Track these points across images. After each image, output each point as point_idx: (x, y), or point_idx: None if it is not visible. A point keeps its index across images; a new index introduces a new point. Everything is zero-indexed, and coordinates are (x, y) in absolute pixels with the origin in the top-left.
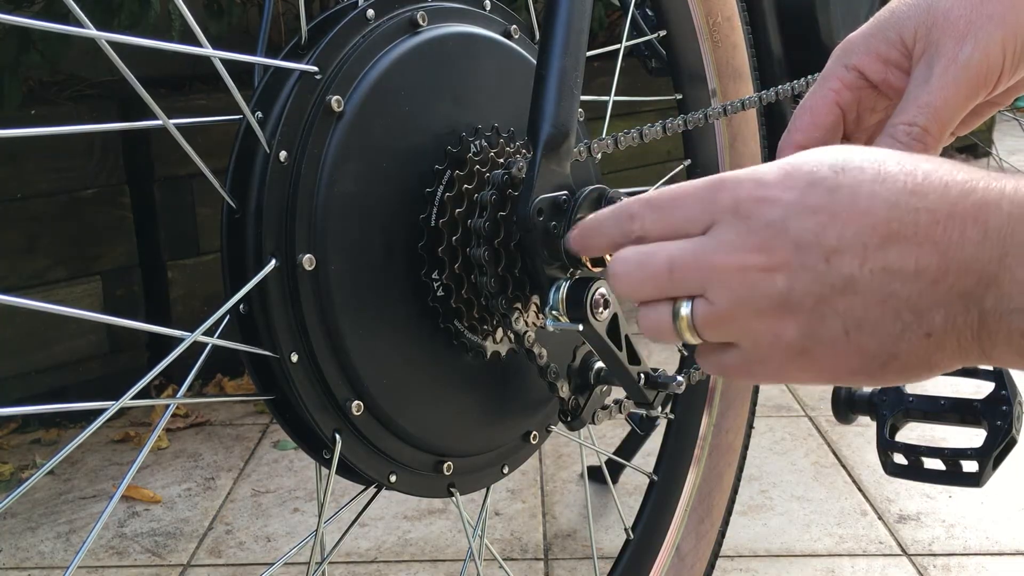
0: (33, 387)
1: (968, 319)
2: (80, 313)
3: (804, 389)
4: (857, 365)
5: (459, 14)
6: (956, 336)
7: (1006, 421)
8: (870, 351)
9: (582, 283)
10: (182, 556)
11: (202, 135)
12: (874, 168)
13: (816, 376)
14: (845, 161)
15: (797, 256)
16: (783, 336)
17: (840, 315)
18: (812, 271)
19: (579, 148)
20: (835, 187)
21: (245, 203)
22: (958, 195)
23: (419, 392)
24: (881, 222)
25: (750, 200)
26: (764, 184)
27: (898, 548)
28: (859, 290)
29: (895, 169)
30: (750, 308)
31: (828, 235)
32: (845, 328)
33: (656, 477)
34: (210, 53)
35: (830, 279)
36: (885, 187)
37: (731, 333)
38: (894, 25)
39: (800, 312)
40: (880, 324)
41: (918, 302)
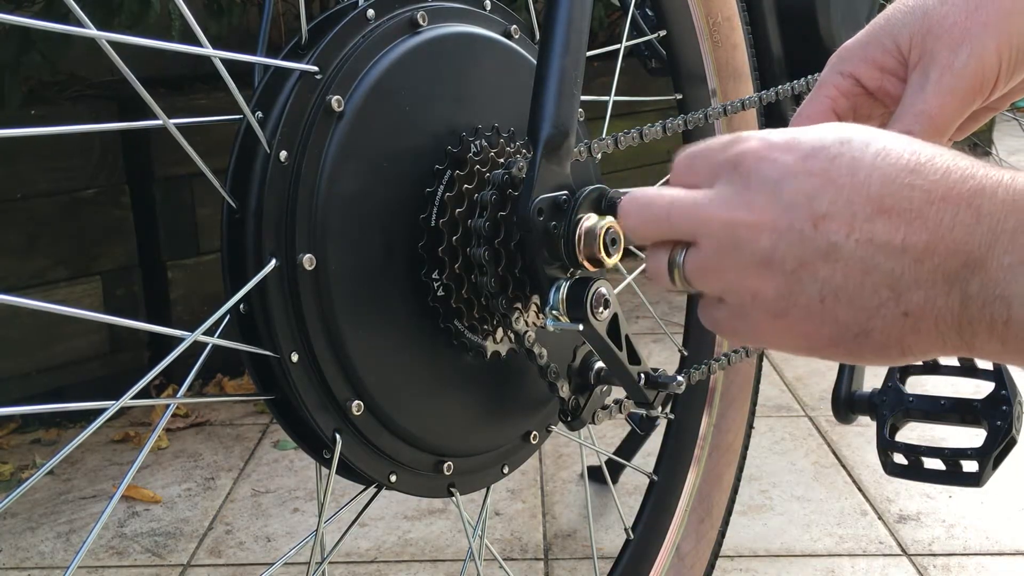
0: (33, 387)
1: (949, 303)
2: (80, 313)
3: (804, 389)
4: (830, 335)
5: (459, 14)
6: (935, 319)
7: (1006, 421)
8: (843, 322)
9: (582, 283)
10: (182, 556)
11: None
12: (879, 144)
13: (793, 341)
14: (852, 135)
15: (785, 217)
16: (761, 294)
17: (819, 281)
18: (798, 233)
19: (579, 148)
20: (836, 155)
21: (245, 203)
22: (957, 179)
23: (419, 392)
24: (875, 195)
25: (753, 158)
26: (769, 145)
27: (898, 548)
28: (841, 258)
29: (899, 148)
30: (733, 262)
31: (820, 200)
32: (822, 295)
33: (656, 477)
34: (210, 53)
35: (814, 243)
36: (886, 162)
37: (717, 285)
38: (889, 32)
39: (780, 273)
40: (857, 296)
41: (899, 279)
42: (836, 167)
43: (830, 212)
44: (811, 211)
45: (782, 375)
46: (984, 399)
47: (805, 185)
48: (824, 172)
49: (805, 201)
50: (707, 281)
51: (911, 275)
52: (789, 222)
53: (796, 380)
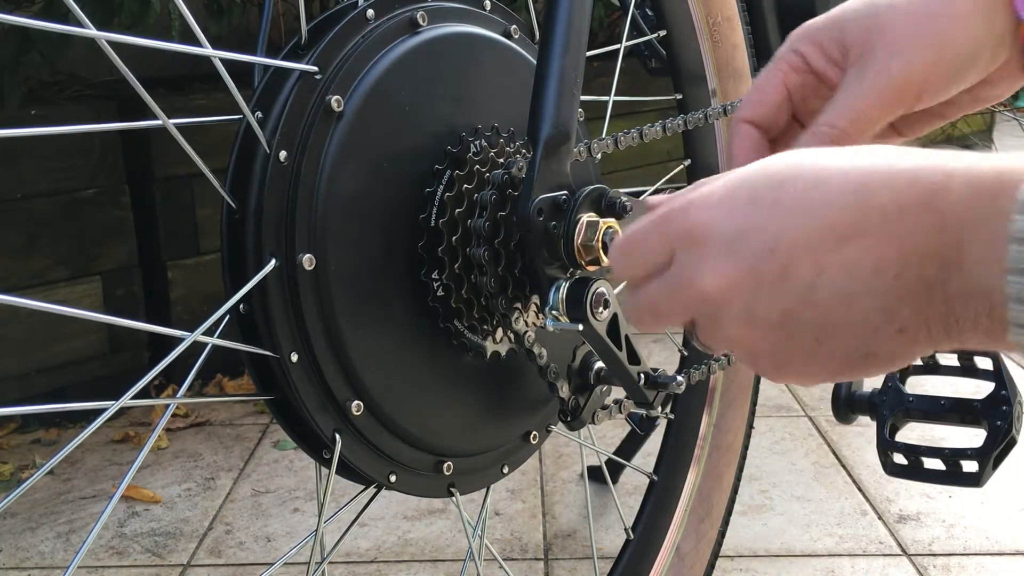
0: (33, 387)
1: (935, 309)
2: (80, 313)
3: (804, 389)
4: (836, 367)
5: (459, 14)
6: (927, 326)
7: (1006, 421)
8: (845, 354)
9: (582, 283)
10: (182, 556)
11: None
12: (812, 174)
13: (808, 379)
14: (783, 172)
15: (752, 274)
16: (759, 351)
17: (808, 325)
18: (769, 287)
19: (579, 148)
20: (775, 201)
21: (245, 203)
22: (905, 185)
23: (419, 392)
24: (827, 225)
25: (698, 226)
26: (709, 207)
27: (898, 548)
28: (820, 297)
29: (835, 170)
30: (722, 330)
31: (778, 247)
32: (816, 337)
33: (656, 477)
34: (210, 53)
35: (790, 291)
36: (827, 190)
37: (721, 347)
38: (839, 23)
39: (768, 328)
40: (849, 327)
41: (884, 299)
42: (779, 213)
43: (792, 257)
44: (774, 261)
45: None
46: (984, 399)
47: (759, 238)
48: (772, 218)
49: (766, 253)
50: (713, 346)
51: (894, 292)
52: (758, 278)
53: None
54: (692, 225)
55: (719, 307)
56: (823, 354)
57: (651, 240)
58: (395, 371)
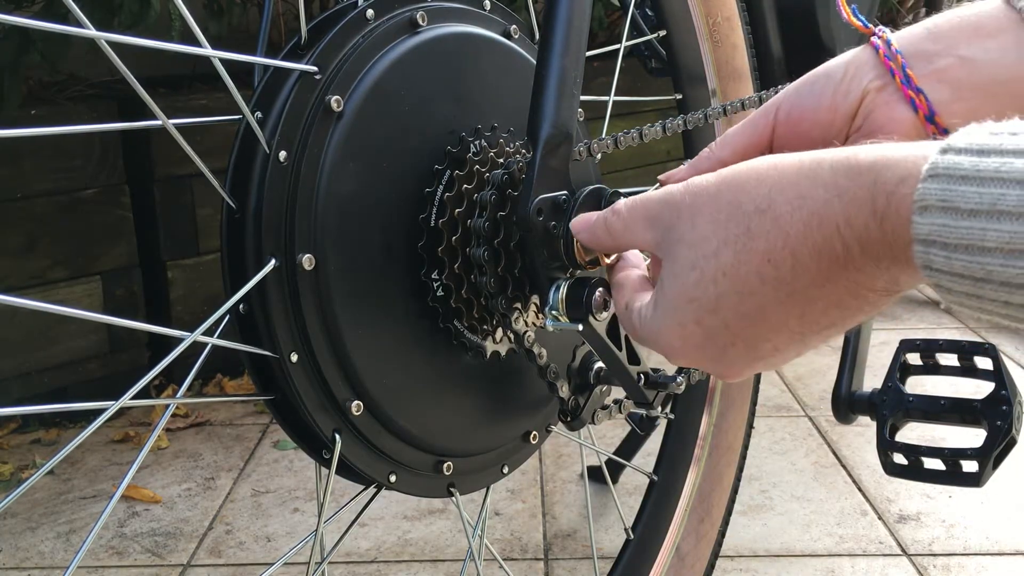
0: (33, 387)
1: (901, 286)
2: (80, 313)
3: (804, 389)
4: (832, 333)
5: (459, 14)
6: (904, 287)
7: (1006, 421)
8: (840, 325)
9: (582, 283)
10: (182, 556)
11: (202, 135)
12: (735, 287)
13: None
14: (709, 298)
15: (756, 364)
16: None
17: (814, 347)
18: (772, 360)
19: (579, 148)
20: (722, 324)
21: (245, 203)
22: (823, 264)
23: (419, 392)
24: (777, 318)
25: (685, 361)
26: (677, 352)
27: (898, 548)
28: (815, 339)
29: (748, 279)
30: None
31: (760, 347)
32: (820, 329)
33: (656, 477)
34: (210, 53)
35: (791, 352)
36: (754, 299)
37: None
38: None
39: (786, 361)
40: (844, 330)
41: (860, 310)
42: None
43: (730, 268)
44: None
45: (782, 375)
46: (984, 399)
47: (698, 281)
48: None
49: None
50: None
51: (862, 279)
52: (716, 309)
53: (796, 380)
54: (681, 361)
55: (698, 353)
56: (822, 336)
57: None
58: (395, 371)
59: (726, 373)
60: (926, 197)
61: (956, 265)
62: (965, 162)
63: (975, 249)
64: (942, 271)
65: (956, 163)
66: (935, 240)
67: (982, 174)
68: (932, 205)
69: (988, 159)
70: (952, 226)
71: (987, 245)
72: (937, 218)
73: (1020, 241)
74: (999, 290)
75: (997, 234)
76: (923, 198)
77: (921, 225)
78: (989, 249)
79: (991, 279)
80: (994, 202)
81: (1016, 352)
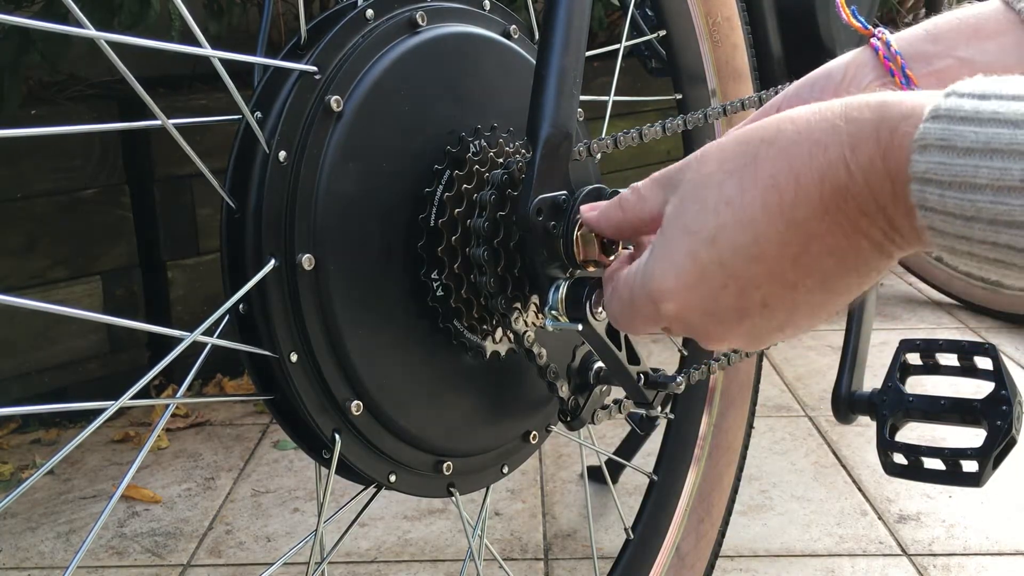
0: (33, 387)
1: (897, 242)
2: (80, 313)
3: (804, 389)
4: (835, 313)
5: (458, 14)
6: (900, 248)
7: (1006, 421)
8: (843, 305)
9: (581, 283)
10: (182, 556)
11: (202, 135)
12: (734, 218)
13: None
14: (710, 228)
15: (743, 320)
16: (773, 341)
17: (805, 318)
18: (760, 320)
19: (579, 148)
20: (723, 260)
21: (244, 203)
22: (826, 191)
23: (419, 392)
24: (773, 255)
25: (675, 315)
26: (671, 296)
27: (898, 548)
28: (807, 300)
29: (750, 207)
30: (743, 348)
31: (753, 295)
32: (813, 318)
33: (656, 477)
34: (210, 53)
35: (781, 313)
36: (755, 228)
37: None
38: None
39: (772, 335)
40: (839, 299)
41: (855, 267)
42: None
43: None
44: (729, 286)
45: (782, 375)
46: (984, 399)
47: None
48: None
49: (737, 248)
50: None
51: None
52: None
53: (796, 380)
54: (667, 314)
55: (729, 344)
56: (825, 317)
57: (642, 325)
58: (395, 371)
59: (711, 330)
60: (926, 136)
61: (949, 203)
62: (967, 104)
63: (967, 186)
64: (935, 210)
65: (958, 105)
66: (931, 179)
67: (981, 115)
68: (931, 144)
69: (988, 102)
70: (948, 164)
71: (978, 182)
72: (935, 156)
73: (1009, 178)
74: (987, 229)
75: (988, 171)
76: (923, 137)
77: (919, 163)
78: (980, 186)
79: (980, 217)
80: (988, 140)
81: (1016, 352)
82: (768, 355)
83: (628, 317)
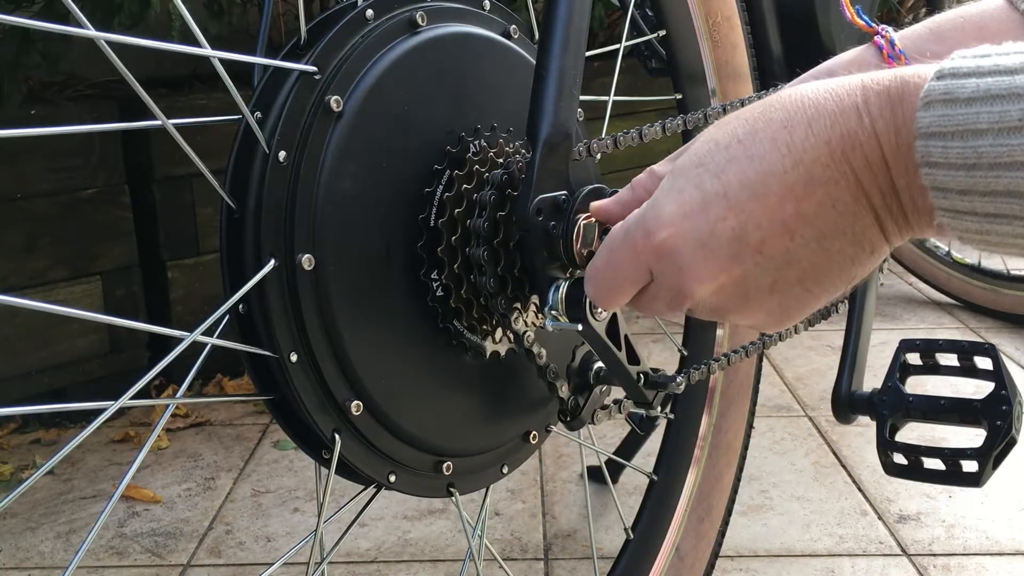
0: (33, 387)
1: (893, 216)
2: (80, 313)
3: (804, 389)
4: (829, 297)
5: (458, 14)
6: (885, 235)
7: (1006, 421)
8: (834, 287)
9: (581, 283)
10: (182, 556)
11: (202, 135)
12: (743, 150)
13: (806, 313)
14: (717, 158)
15: (733, 266)
16: (761, 320)
17: (797, 281)
18: (754, 268)
19: (579, 148)
20: (724, 193)
21: (244, 203)
22: (829, 125)
23: (418, 392)
24: (777, 195)
25: (665, 245)
26: (667, 223)
27: (898, 548)
28: (801, 255)
29: (763, 138)
30: (724, 317)
31: (746, 234)
32: (806, 288)
33: (656, 477)
34: (210, 53)
35: (771, 264)
36: (763, 163)
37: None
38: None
39: (762, 298)
40: (832, 268)
41: (852, 232)
42: (732, 200)
43: (762, 235)
44: (748, 246)
45: (782, 375)
46: (984, 399)
47: (724, 231)
48: (730, 209)
49: (736, 243)
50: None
51: (856, 222)
52: (739, 267)
53: (796, 380)
54: (659, 245)
55: (713, 304)
56: (816, 294)
57: (625, 269)
58: (394, 371)
59: (698, 268)
60: (930, 93)
61: (951, 154)
62: (969, 62)
63: (968, 134)
64: (939, 164)
65: (960, 64)
66: (934, 132)
67: (981, 69)
68: (935, 100)
69: (988, 59)
70: (950, 115)
71: (979, 127)
72: (938, 110)
73: (1008, 119)
74: (988, 176)
75: (988, 115)
76: (928, 94)
77: (924, 118)
78: (981, 131)
79: (982, 162)
80: (988, 88)
81: (1016, 352)
82: (768, 355)
83: (609, 265)
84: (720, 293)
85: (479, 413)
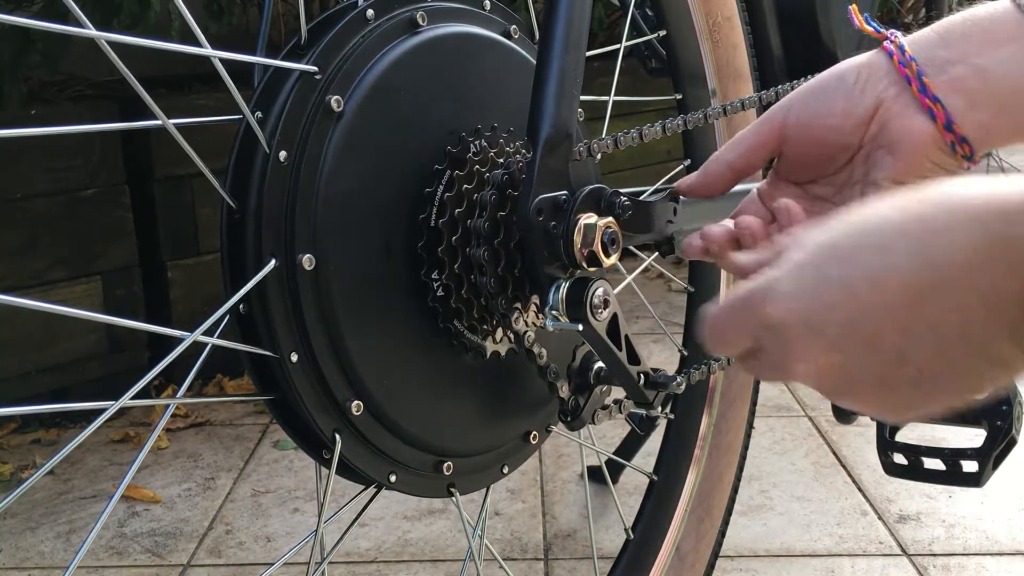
0: (33, 387)
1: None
2: (80, 313)
3: (804, 389)
4: (944, 402)
5: (458, 14)
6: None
7: (1006, 421)
8: (955, 394)
9: (582, 283)
10: (182, 556)
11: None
12: (874, 242)
13: (920, 413)
14: (845, 246)
15: (839, 354)
16: (868, 403)
17: (907, 380)
18: (860, 360)
19: (579, 148)
20: (843, 279)
21: (245, 203)
22: (968, 229)
23: (419, 392)
24: (899, 291)
25: (774, 318)
26: (782, 299)
27: (898, 548)
28: (914, 356)
29: (895, 232)
30: (827, 394)
31: (859, 325)
32: (918, 388)
33: (656, 477)
34: (210, 53)
35: (881, 359)
36: (891, 257)
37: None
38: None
39: (868, 389)
40: (951, 374)
41: (980, 344)
42: (851, 287)
43: (876, 328)
44: (858, 336)
45: None
46: (984, 399)
47: (836, 319)
48: (845, 297)
49: (847, 331)
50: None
51: (987, 334)
52: (845, 355)
53: None
54: (768, 317)
55: (818, 385)
56: (931, 397)
57: (734, 331)
58: (395, 371)
59: (803, 348)
60: None
61: None
62: None
63: None
64: None
65: None
66: None
67: None
68: None
69: None
70: None
71: None
72: None
73: None
74: None
75: None
76: None
77: None
78: None
79: None
80: None
81: None
82: None
83: (719, 320)
84: (824, 377)
85: (479, 413)
